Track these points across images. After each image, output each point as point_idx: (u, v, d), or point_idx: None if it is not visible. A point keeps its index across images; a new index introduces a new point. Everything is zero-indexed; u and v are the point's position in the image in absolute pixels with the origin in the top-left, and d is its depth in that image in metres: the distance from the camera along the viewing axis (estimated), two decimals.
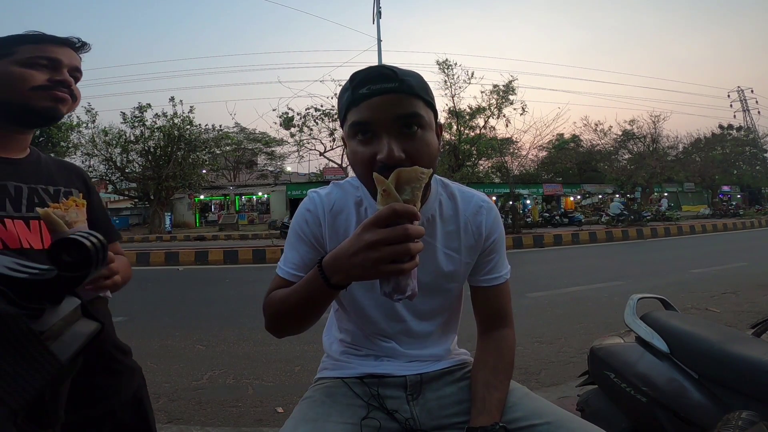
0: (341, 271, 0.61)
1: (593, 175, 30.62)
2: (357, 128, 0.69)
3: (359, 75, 0.69)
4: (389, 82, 0.67)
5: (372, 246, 0.56)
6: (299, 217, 0.83)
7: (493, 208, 0.87)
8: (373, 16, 15.98)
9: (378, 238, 0.56)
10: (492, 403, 0.75)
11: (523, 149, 18.50)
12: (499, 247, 0.87)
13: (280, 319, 0.76)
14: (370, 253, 0.57)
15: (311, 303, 0.69)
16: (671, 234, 13.81)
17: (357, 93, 0.68)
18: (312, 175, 30.41)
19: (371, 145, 0.68)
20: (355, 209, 0.82)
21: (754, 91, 41.91)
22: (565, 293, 5.07)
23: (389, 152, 0.65)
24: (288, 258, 0.82)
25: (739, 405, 0.90)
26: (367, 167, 0.68)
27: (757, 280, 5.36)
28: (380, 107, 0.67)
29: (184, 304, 5.25)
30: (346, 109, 0.70)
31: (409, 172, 0.59)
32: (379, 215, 0.57)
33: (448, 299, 0.87)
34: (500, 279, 0.86)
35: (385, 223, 0.56)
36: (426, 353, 0.86)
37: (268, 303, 0.78)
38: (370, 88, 0.67)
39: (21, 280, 0.39)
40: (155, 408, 2.45)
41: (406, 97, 0.68)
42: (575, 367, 2.59)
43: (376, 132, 0.67)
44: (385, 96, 0.67)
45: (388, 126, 0.67)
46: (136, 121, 21.77)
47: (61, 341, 0.40)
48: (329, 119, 16.50)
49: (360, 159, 0.69)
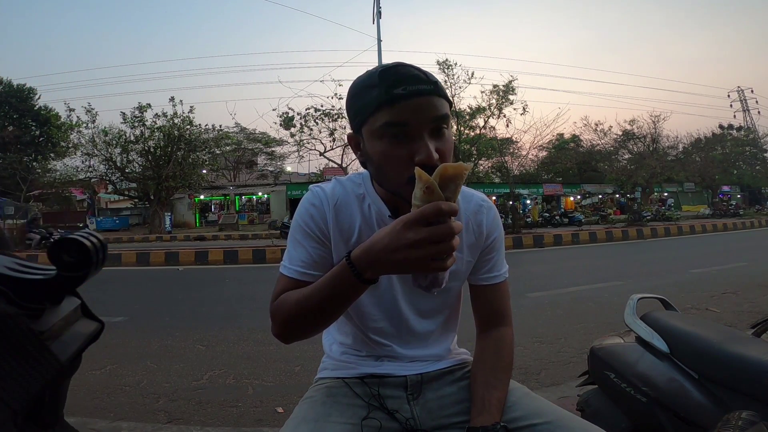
0: (378, 266, 0.60)
1: (593, 175, 30.65)
2: (393, 129, 0.67)
3: (391, 74, 0.68)
4: (424, 84, 0.68)
5: (416, 245, 0.55)
6: (304, 212, 0.80)
7: (492, 208, 0.88)
8: (373, 16, 15.99)
9: (422, 237, 0.55)
10: (492, 403, 0.75)
11: (523, 149, 18.54)
12: (498, 246, 0.87)
13: (297, 321, 0.71)
14: (413, 251, 0.56)
15: (339, 300, 0.67)
16: (671, 234, 13.82)
17: (392, 92, 0.67)
18: (312, 175, 30.40)
19: (406, 145, 0.67)
20: (358, 205, 0.81)
21: (754, 91, 41.95)
22: (565, 293, 5.07)
23: (429, 154, 0.66)
24: (294, 256, 0.78)
25: (739, 405, 0.90)
26: (404, 167, 0.67)
27: (757, 280, 5.37)
28: (419, 109, 0.67)
29: (184, 304, 5.25)
30: (375, 107, 0.68)
31: (456, 168, 0.57)
32: (423, 213, 0.55)
33: (449, 297, 0.87)
34: (499, 278, 0.86)
35: (428, 221, 0.55)
36: (426, 353, 0.86)
37: (278, 307, 0.73)
38: (407, 89, 0.66)
39: (21, 280, 0.39)
40: (155, 408, 2.46)
41: (438, 99, 0.69)
42: (575, 367, 2.59)
43: (413, 133, 0.67)
44: (422, 98, 0.67)
45: (424, 128, 0.67)
46: (136, 121, 21.79)
47: (61, 341, 0.40)
48: (329, 119, 16.49)
49: (396, 159, 0.68)
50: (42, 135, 24.27)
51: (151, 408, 2.34)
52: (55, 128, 23.95)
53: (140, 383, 2.68)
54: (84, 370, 0.75)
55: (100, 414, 2.25)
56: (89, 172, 23.08)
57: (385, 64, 0.72)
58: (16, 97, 24.07)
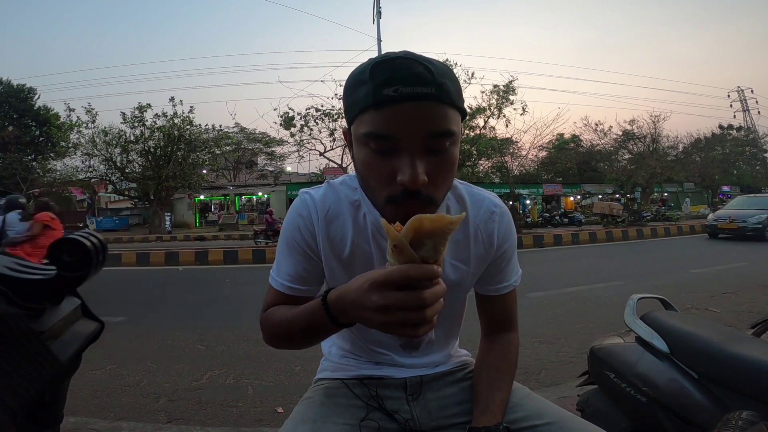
0: (348, 316, 0.56)
1: (593, 175, 30.62)
2: (376, 141, 0.57)
3: (384, 69, 0.55)
4: (424, 86, 0.54)
5: (381, 309, 0.49)
6: (291, 224, 0.75)
7: (506, 213, 0.79)
8: (373, 16, 15.99)
9: (389, 303, 0.49)
10: (495, 403, 0.74)
11: (523, 149, 18.53)
12: (510, 255, 0.80)
13: (281, 339, 0.71)
14: (378, 315, 0.50)
15: (319, 333, 0.65)
16: (671, 234, 13.81)
17: (381, 93, 0.54)
18: (312, 175, 30.37)
19: (389, 160, 0.57)
20: (351, 215, 0.74)
21: (754, 91, 42.03)
22: (565, 293, 5.07)
23: (413, 177, 0.55)
24: (282, 268, 0.76)
25: (739, 405, 0.90)
26: (384, 184, 0.58)
27: (757, 280, 5.37)
28: (409, 119, 0.55)
29: (184, 304, 5.25)
30: (360, 109, 0.57)
31: (435, 221, 0.46)
32: (389, 277, 0.48)
33: (452, 309, 0.83)
34: (509, 288, 0.81)
35: (395, 286, 0.49)
36: (427, 360, 0.85)
37: (265, 319, 0.73)
38: (399, 90, 0.54)
39: (21, 280, 0.39)
40: (155, 408, 2.46)
41: (442, 108, 0.56)
42: (575, 367, 2.59)
43: (398, 148, 0.56)
44: (417, 104, 0.54)
45: (415, 143, 0.56)
46: (136, 121, 21.77)
47: (61, 341, 0.40)
48: (329, 119, 16.49)
49: (375, 173, 0.59)
50: (42, 135, 24.23)
51: (151, 408, 2.34)
52: (55, 128, 23.91)
53: (140, 383, 2.69)
54: (84, 370, 0.75)
55: (100, 414, 2.25)
56: (89, 172, 23.06)
57: (386, 53, 0.59)
58: (15, 97, 24.06)
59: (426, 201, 0.58)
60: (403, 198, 0.57)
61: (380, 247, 0.73)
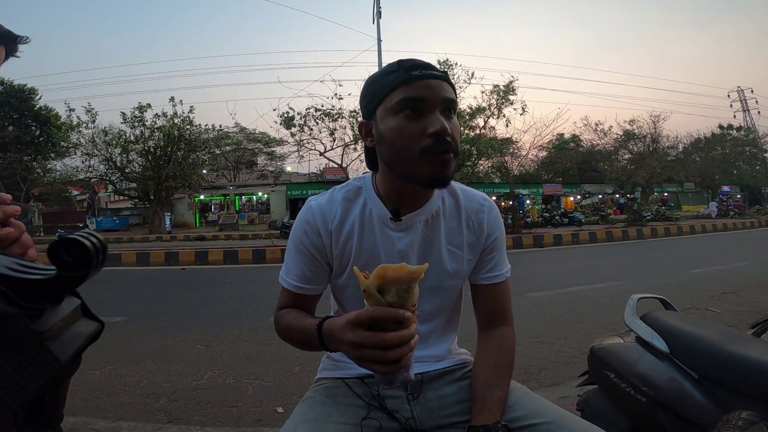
0: (334, 345, 0.66)
1: (593, 175, 30.66)
2: (409, 103, 0.73)
3: (408, 61, 0.76)
4: (437, 71, 0.76)
5: (354, 346, 0.58)
6: (298, 229, 0.84)
7: (494, 207, 0.89)
8: (373, 16, 15.97)
9: (359, 341, 0.57)
10: (493, 402, 0.75)
11: (523, 149, 18.52)
12: (500, 246, 0.88)
13: (286, 340, 0.82)
14: (351, 351, 0.59)
15: (312, 348, 0.75)
16: (671, 234, 13.81)
17: (410, 74, 0.74)
18: (312, 175, 30.40)
19: (420, 121, 0.72)
20: (355, 211, 0.83)
21: (754, 91, 42.00)
22: (565, 293, 5.07)
23: (444, 127, 0.71)
24: (290, 269, 0.84)
25: (739, 405, 0.90)
26: (417, 139, 0.72)
27: (757, 280, 5.36)
28: (433, 88, 0.73)
29: (184, 304, 5.25)
30: (392, 87, 0.74)
31: (396, 270, 0.53)
32: (359, 317, 0.57)
33: (450, 298, 0.87)
34: (501, 277, 0.87)
35: (366, 326, 0.57)
36: (426, 353, 0.86)
37: (277, 319, 0.84)
38: (423, 72, 0.74)
39: (21, 280, 0.39)
40: (155, 408, 2.46)
41: (448, 86, 0.76)
42: (575, 367, 2.59)
43: (427, 109, 0.73)
44: (435, 80, 0.74)
45: (439, 105, 0.73)
46: (136, 121, 21.79)
47: (61, 341, 0.40)
48: (329, 119, 16.48)
49: (408, 133, 0.72)
50: (42, 135, 24.21)
51: (151, 408, 2.34)
52: (55, 128, 23.89)
53: (140, 383, 2.68)
54: (84, 370, 0.75)
55: (100, 414, 2.25)
56: (89, 172, 23.09)
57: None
58: (16, 97, 24.04)
59: (454, 151, 0.73)
60: (435, 146, 0.71)
61: (386, 235, 0.81)
